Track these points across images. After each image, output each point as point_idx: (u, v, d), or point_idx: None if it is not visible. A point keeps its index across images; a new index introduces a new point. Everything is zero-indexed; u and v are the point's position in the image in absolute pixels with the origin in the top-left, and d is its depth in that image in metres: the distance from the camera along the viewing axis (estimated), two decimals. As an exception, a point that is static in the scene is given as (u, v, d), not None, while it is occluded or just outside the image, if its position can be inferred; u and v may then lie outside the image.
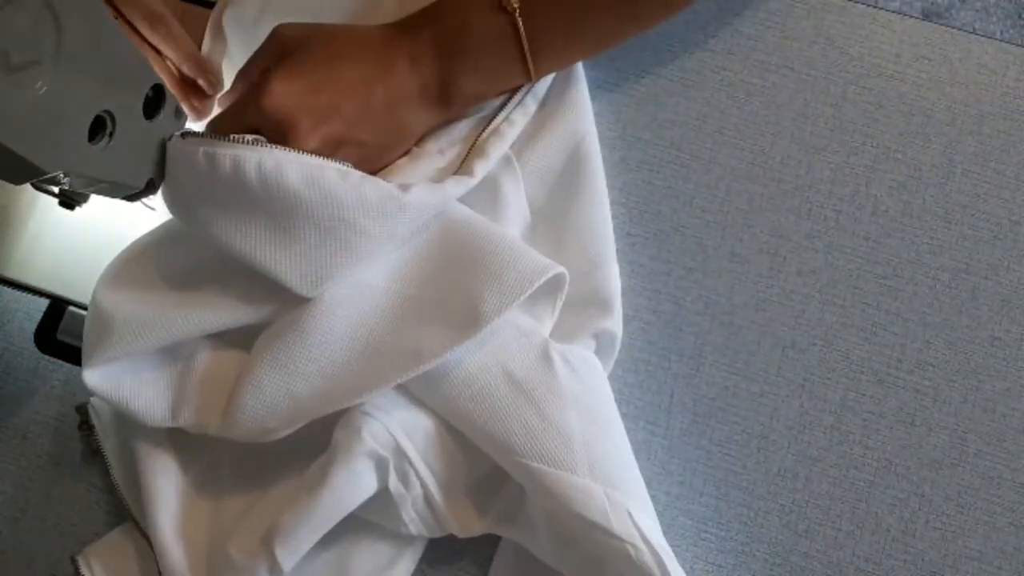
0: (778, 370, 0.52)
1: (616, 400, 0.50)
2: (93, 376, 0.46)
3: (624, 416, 0.50)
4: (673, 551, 0.44)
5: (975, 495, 0.50)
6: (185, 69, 0.53)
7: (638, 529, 0.43)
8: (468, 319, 0.45)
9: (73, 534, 0.51)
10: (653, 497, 0.47)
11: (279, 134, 0.46)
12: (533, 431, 0.44)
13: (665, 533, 0.46)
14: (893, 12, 0.57)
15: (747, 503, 0.51)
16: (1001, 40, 0.57)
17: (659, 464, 0.51)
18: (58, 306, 0.53)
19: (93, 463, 0.52)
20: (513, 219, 0.51)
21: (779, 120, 0.55)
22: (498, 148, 0.50)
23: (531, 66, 0.49)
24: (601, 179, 0.52)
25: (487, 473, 0.48)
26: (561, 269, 0.47)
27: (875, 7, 0.57)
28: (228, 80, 0.55)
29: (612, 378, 0.51)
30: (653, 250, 0.54)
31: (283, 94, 0.46)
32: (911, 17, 0.57)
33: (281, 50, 0.49)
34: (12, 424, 0.52)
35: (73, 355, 0.53)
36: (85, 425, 0.51)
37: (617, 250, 0.54)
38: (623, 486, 0.44)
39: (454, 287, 0.46)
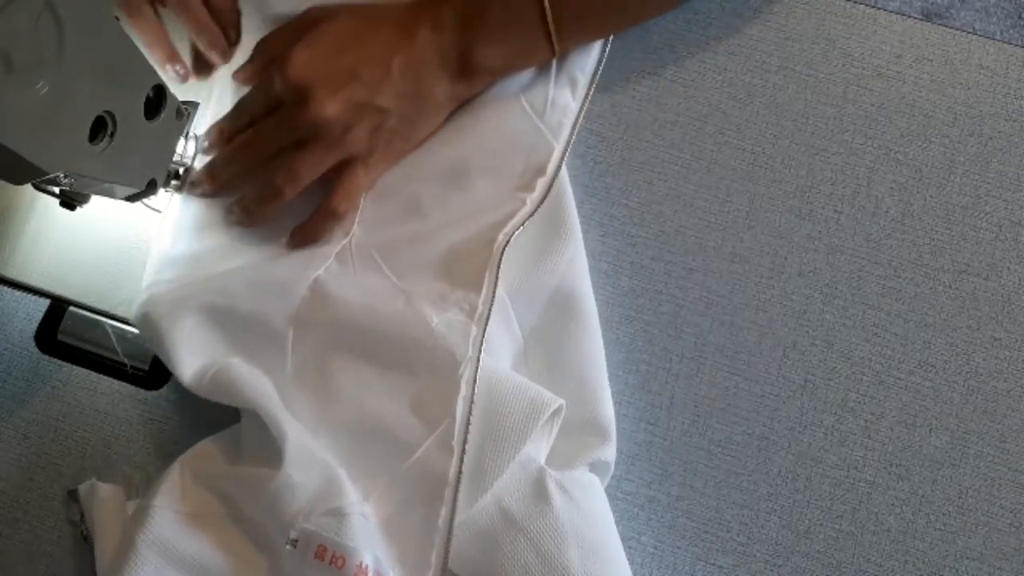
0: (779, 371, 0.52)
1: (616, 401, 0.50)
2: None
3: (625, 417, 0.50)
4: (673, 552, 0.44)
5: (975, 496, 0.50)
6: (200, 42, 0.53)
7: None
8: (473, 479, 0.45)
9: (73, 534, 0.51)
10: (654, 499, 0.47)
11: (301, 101, 0.47)
12: (532, 572, 0.43)
13: (666, 534, 0.46)
14: (894, 13, 0.57)
15: (747, 503, 0.51)
16: (1001, 40, 0.57)
17: (659, 465, 0.51)
18: (58, 306, 0.53)
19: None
20: (502, 348, 0.50)
21: (780, 121, 0.55)
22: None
23: (554, 40, 0.49)
24: (591, 301, 0.51)
25: None
26: (560, 402, 0.46)
27: (876, 8, 0.57)
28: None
29: (612, 379, 0.51)
30: (654, 251, 0.54)
31: (306, 62, 0.48)
32: (911, 18, 0.57)
33: (308, 24, 0.50)
34: (12, 424, 0.52)
35: (73, 355, 0.53)
36: (76, 508, 0.50)
37: (618, 250, 0.54)
38: None
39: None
